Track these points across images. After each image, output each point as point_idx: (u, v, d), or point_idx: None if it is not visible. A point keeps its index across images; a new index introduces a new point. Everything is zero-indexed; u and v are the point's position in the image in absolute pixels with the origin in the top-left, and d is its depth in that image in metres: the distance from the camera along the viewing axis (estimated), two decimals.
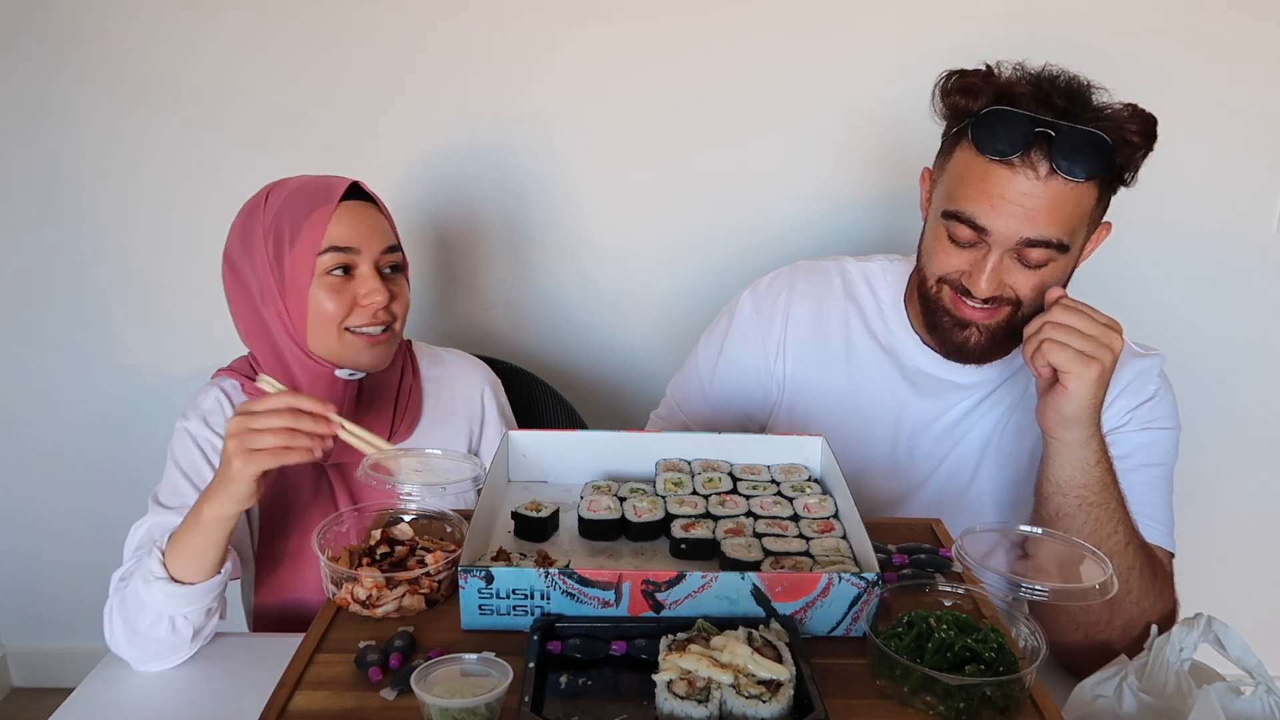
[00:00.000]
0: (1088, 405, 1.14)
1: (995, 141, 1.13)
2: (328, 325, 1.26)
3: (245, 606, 1.41)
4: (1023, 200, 1.13)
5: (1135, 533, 1.20)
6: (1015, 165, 1.13)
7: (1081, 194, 1.14)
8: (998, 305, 1.20)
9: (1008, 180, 1.13)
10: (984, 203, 1.15)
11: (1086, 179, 1.12)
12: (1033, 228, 1.14)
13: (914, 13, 1.85)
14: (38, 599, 2.31)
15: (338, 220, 1.25)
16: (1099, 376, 1.12)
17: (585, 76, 1.91)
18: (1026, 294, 1.19)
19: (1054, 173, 1.12)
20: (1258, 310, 2.03)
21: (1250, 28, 1.85)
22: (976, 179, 1.16)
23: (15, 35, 1.89)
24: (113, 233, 2.03)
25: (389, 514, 1.10)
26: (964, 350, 1.26)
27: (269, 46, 1.90)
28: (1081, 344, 1.11)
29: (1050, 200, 1.13)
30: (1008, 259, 1.17)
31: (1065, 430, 1.16)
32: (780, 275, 1.45)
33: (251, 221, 1.28)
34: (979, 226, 1.16)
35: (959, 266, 1.21)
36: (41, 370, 2.10)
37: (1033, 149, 1.12)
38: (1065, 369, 1.12)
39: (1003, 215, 1.14)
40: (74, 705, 1.13)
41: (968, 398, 1.35)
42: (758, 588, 0.90)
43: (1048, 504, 1.20)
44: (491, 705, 0.80)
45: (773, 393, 1.43)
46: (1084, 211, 1.16)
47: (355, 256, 1.26)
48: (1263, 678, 1.01)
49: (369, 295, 1.26)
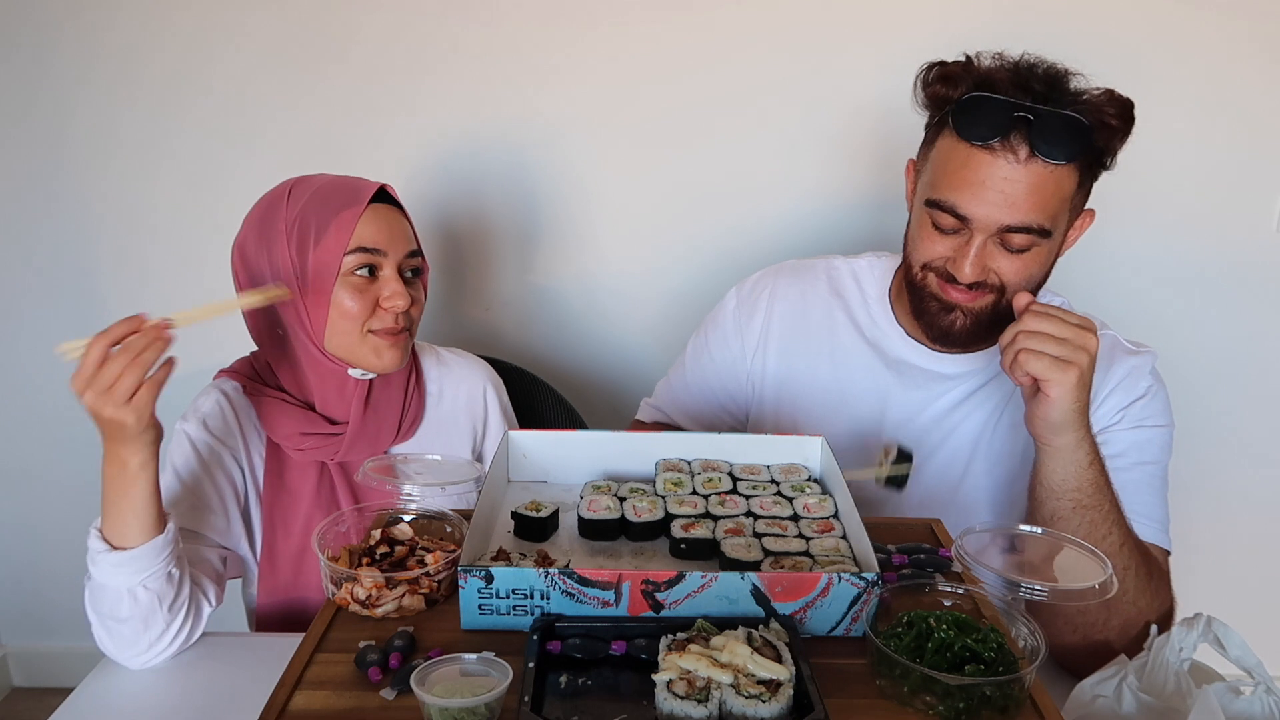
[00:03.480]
0: (1072, 410, 1.13)
1: (975, 126, 1.15)
2: (350, 325, 1.26)
3: (246, 606, 1.41)
4: (1003, 185, 1.15)
5: (1130, 533, 1.20)
6: (995, 150, 1.14)
7: (1061, 178, 1.16)
8: (982, 290, 1.21)
9: (988, 165, 1.15)
10: (965, 190, 1.17)
11: (1066, 161, 1.14)
12: (1014, 214, 1.15)
13: (914, 12, 1.85)
14: (38, 599, 2.31)
15: (366, 221, 1.25)
16: (1078, 380, 1.12)
17: (587, 77, 1.92)
18: (1010, 279, 1.20)
19: (1034, 156, 1.14)
20: (1258, 310, 2.03)
21: (1251, 28, 1.85)
22: (958, 166, 1.17)
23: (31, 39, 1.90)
24: (113, 233, 2.03)
25: (389, 514, 1.10)
26: (949, 335, 1.26)
27: (275, 48, 1.90)
28: (1056, 349, 1.11)
29: (1031, 185, 1.14)
30: (991, 244, 1.19)
31: (1054, 436, 1.16)
32: (766, 273, 1.49)
33: (272, 215, 1.27)
34: (961, 214, 1.18)
35: (943, 253, 1.22)
36: (41, 370, 2.10)
37: (1012, 133, 1.14)
38: (1044, 377, 1.12)
39: (984, 202, 1.16)
40: (74, 705, 1.13)
41: (953, 389, 1.36)
42: (757, 588, 0.90)
43: (1041, 509, 1.20)
44: (491, 705, 0.80)
45: (752, 388, 1.46)
46: (1065, 196, 1.17)
47: (381, 258, 1.26)
48: (1262, 678, 1.01)
49: (392, 298, 1.26)
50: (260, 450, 1.34)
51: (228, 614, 1.31)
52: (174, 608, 1.15)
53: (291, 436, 1.31)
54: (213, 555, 1.29)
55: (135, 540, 1.10)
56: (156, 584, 1.12)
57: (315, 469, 1.34)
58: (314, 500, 1.33)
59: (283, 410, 1.32)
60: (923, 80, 1.23)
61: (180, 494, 1.27)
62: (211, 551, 1.29)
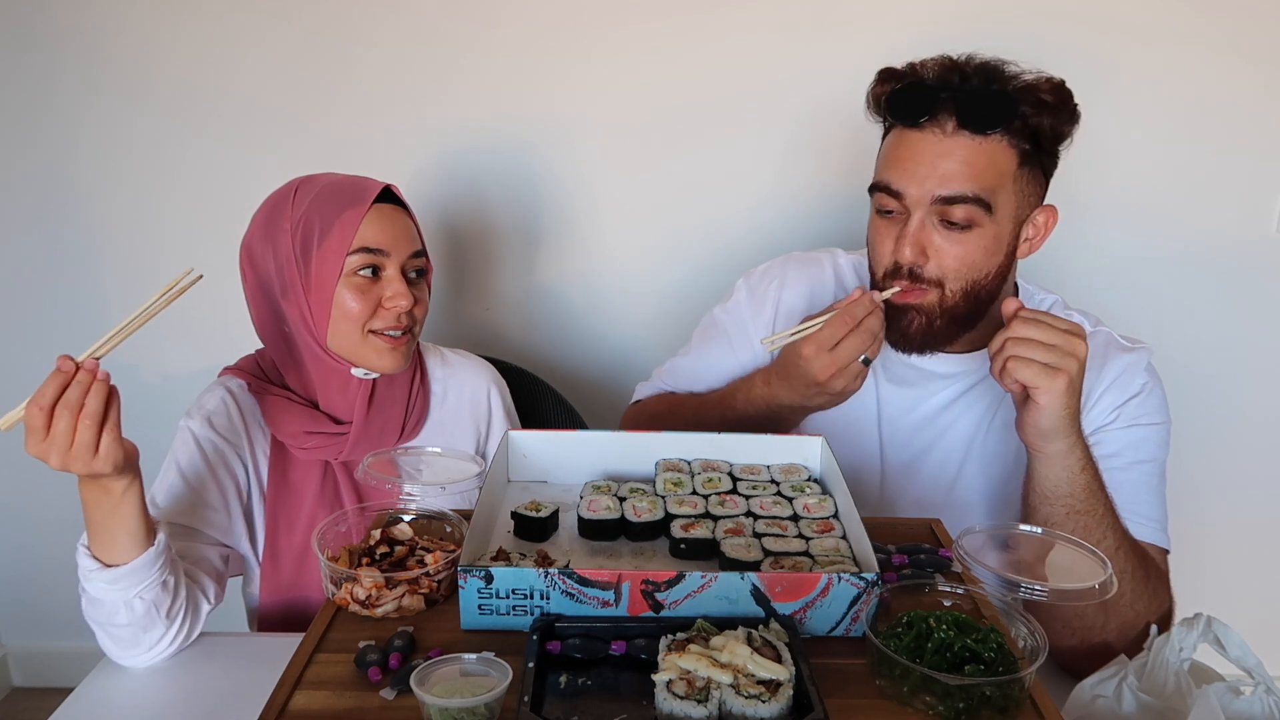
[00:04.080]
0: (1062, 416, 1.13)
1: (904, 108, 1.20)
2: (351, 325, 1.26)
3: (246, 606, 1.41)
4: (934, 160, 1.18)
5: (1126, 536, 1.20)
6: (924, 126, 1.18)
7: (995, 152, 1.17)
8: (921, 287, 1.22)
9: (917, 141, 1.19)
10: (897, 167, 1.20)
11: (992, 130, 1.16)
12: (945, 184, 1.17)
13: (914, 13, 1.85)
14: (38, 599, 2.31)
15: (370, 221, 1.25)
16: (1067, 386, 1.11)
17: (590, 79, 1.92)
18: (950, 264, 1.20)
19: (960, 129, 1.17)
20: (1258, 310, 2.03)
21: (1251, 28, 1.85)
22: (892, 148, 1.22)
23: (30, 39, 1.90)
24: (113, 233, 2.03)
25: (389, 514, 1.10)
26: (908, 336, 1.26)
27: (276, 48, 1.90)
28: (1044, 356, 1.11)
29: (961, 157, 1.17)
30: (929, 223, 1.20)
31: (1046, 443, 1.15)
32: (774, 264, 1.49)
33: (278, 214, 1.28)
34: (895, 191, 1.20)
35: (891, 245, 1.23)
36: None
37: (940, 111, 1.17)
38: (1033, 384, 1.11)
39: (915, 176, 1.19)
40: (74, 705, 1.13)
41: (945, 389, 1.36)
42: (757, 588, 0.90)
43: (1035, 514, 1.19)
44: (491, 705, 0.80)
45: None
46: (1001, 172, 1.18)
47: (384, 259, 1.26)
48: (1262, 678, 1.01)
49: (394, 299, 1.26)
50: (264, 448, 1.34)
51: (228, 614, 1.31)
52: (171, 613, 1.15)
53: (296, 435, 1.31)
54: (213, 553, 1.29)
55: (126, 556, 1.09)
56: (151, 594, 1.12)
57: (319, 468, 1.34)
58: (317, 499, 1.33)
59: (287, 409, 1.32)
60: (869, 90, 1.27)
61: (183, 491, 1.27)
62: (212, 549, 1.29)
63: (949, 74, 1.20)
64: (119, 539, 1.08)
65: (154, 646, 1.15)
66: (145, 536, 1.09)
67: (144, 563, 1.09)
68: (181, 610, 1.16)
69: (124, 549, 1.09)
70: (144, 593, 1.11)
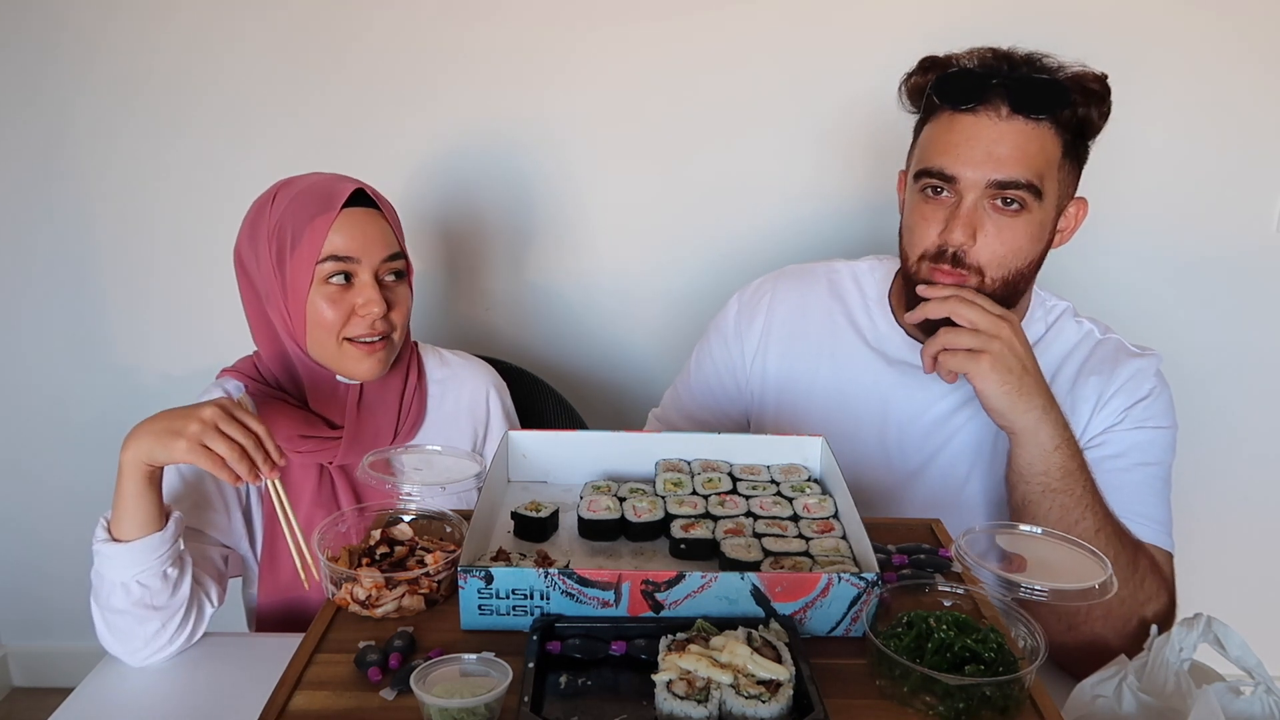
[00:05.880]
0: (1001, 395, 1.16)
1: (957, 92, 1.20)
2: (326, 333, 1.26)
3: (245, 606, 1.41)
4: (988, 144, 1.18)
5: (1108, 520, 1.20)
6: (977, 111, 1.18)
7: (1045, 137, 1.18)
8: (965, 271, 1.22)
9: (971, 125, 1.19)
10: (950, 152, 1.20)
11: (1047, 115, 1.17)
12: (1000, 168, 1.18)
13: (914, 14, 1.85)
14: (38, 599, 2.32)
15: (338, 229, 1.24)
16: (991, 365, 1.14)
17: (586, 79, 1.92)
18: (997, 250, 1.20)
19: (1015, 114, 1.17)
20: (1258, 310, 2.03)
21: (1251, 29, 1.85)
22: (943, 133, 1.21)
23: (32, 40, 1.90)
24: (113, 233, 2.03)
25: (389, 514, 1.10)
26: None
27: (273, 51, 1.91)
28: (968, 340, 1.15)
29: (1015, 141, 1.17)
30: (981, 207, 1.20)
31: (1006, 422, 1.19)
32: (767, 278, 1.50)
33: (259, 220, 1.28)
34: (949, 175, 1.20)
35: (936, 231, 1.23)
36: (41, 371, 2.11)
37: (993, 95, 1.18)
38: (962, 370, 1.15)
39: (970, 160, 1.18)
40: (74, 705, 1.13)
41: (955, 391, 1.36)
42: (757, 588, 0.90)
43: (1014, 492, 1.23)
44: (491, 705, 0.80)
45: (753, 392, 1.46)
46: (1050, 159, 1.19)
47: (354, 265, 1.26)
48: (1262, 678, 1.01)
49: (366, 306, 1.26)
50: None
51: (228, 614, 1.31)
52: (167, 608, 1.15)
53: (290, 439, 1.31)
54: (215, 554, 1.29)
55: (132, 533, 1.13)
56: (151, 580, 1.13)
57: (316, 469, 1.34)
58: (315, 500, 1.33)
59: (282, 411, 1.32)
60: (905, 83, 1.28)
61: (183, 492, 1.27)
62: (214, 550, 1.29)
63: (997, 62, 1.21)
64: (130, 514, 1.13)
65: (150, 643, 1.16)
66: (154, 520, 1.14)
67: (147, 545, 1.13)
68: (181, 608, 1.17)
69: (133, 526, 1.13)
70: (143, 577, 1.13)
